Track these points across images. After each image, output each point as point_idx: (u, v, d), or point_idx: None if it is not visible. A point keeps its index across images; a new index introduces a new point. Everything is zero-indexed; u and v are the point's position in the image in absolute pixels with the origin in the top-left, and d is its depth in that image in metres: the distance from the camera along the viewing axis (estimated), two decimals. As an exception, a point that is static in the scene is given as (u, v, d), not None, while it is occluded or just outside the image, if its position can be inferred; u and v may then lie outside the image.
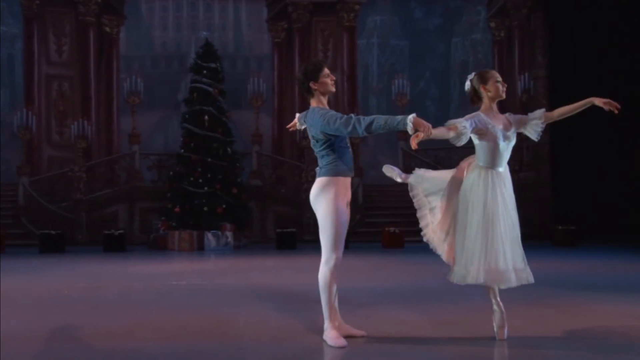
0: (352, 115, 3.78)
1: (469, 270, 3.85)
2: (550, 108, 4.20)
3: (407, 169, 4.65)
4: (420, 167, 4.51)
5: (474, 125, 3.88)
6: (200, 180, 12.43)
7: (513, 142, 3.97)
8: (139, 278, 7.50)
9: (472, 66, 15.71)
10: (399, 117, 3.65)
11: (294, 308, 5.19)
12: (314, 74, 3.96)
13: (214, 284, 7.02)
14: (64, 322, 4.70)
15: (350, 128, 3.69)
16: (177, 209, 12.33)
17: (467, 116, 3.94)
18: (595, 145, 13.24)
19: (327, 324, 3.90)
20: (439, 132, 3.81)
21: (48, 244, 11.75)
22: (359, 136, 3.85)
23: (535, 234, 13.91)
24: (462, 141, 3.88)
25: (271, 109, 15.26)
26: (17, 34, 14.92)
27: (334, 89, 4.03)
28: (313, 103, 4.02)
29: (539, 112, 4.02)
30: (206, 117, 12.78)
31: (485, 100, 4.02)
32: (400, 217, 13.77)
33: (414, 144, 3.61)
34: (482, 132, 3.90)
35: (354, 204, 14.28)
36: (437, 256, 4.30)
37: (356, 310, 4.95)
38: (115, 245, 11.70)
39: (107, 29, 15.12)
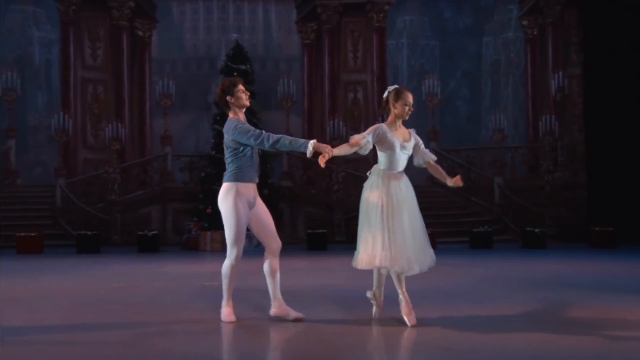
0: (263, 131, 4.44)
1: (372, 256, 4.41)
2: (585, 107, 4.16)
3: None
4: (452, 168, 4.60)
5: (375, 136, 4.50)
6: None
7: (409, 152, 4.62)
8: (172, 278, 7.59)
9: (504, 65, 15.50)
10: (302, 140, 4.31)
11: (324, 309, 5.18)
12: (229, 90, 4.58)
13: (246, 284, 7.06)
14: (99, 321, 4.79)
15: (259, 141, 4.38)
16: (209, 210, 12.43)
17: (370, 128, 4.55)
18: (633, 144, 12.94)
19: (223, 303, 4.69)
20: (342, 150, 4.48)
21: (84, 245, 11.99)
22: (265, 149, 4.47)
23: (571, 235, 13.68)
24: (366, 151, 4.50)
25: (301, 110, 15.30)
26: (54, 39, 15.27)
27: (248, 103, 4.65)
28: (230, 115, 4.63)
29: (431, 158, 4.71)
30: (236, 118, 12.83)
31: (391, 115, 4.58)
32: (432, 218, 13.66)
33: (322, 163, 4.28)
34: (382, 140, 4.50)
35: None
36: (471, 258, 4.26)
37: (386, 311, 4.93)
38: (149, 245, 11.88)
39: (140, 33, 15.36)
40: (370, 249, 4.43)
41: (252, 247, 12.31)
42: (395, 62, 15.88)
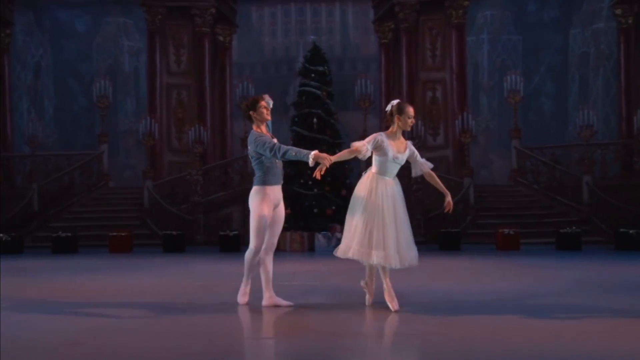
0: (277, 143, 5.09)
1: (351, 247, 4.91)
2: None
3: (522, 169, 4.57)
4: (536, 166, 4.50)
5: (374, 144, 4.95)
6: (310, 183, 12.61)
7: (401, 163, 5.05)
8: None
9: (593, 58, 14.75)
10: (305, 151, 4.95)
11: (400, 309, 5.11)
12: (253, 105, 5.27)
13: (325, 284, 7.09)
14: (183, 319, 4.95)
15: (272, 152, 5.02)
16: (288, 211, 12.54)
17: (371, 136, 5.00)
18: None
19: (242, 286, 5.40)
20: (343, 156, 5.11)
21: (170, 244, 12.46)
22: (277, 159, 5.11)
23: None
24: (365, 157, 4.98)
25: (378, 110, 15.21)
26: (142, 48, 16.00)
27: (269, 118, 5.30)
28: (254, 127, 5.28)
29: (427, 167, 5.16)
30: (315, 119, 12.95)
31: (394, 126, 5.00)
32: (515, 218, 13.21)
33: (318, 175, 4.84)
34: (379, 148, 4.95)
35: (464, 204, 14.01)
36: (556, 259, 4.07)
37: (467, 314, 4.79)
38: (230, 245, 12.17)
39: (221, 38, 15.79)
40: (348, 241, 4.95)
41: (332, 247, 12.37)
42: (475, 58, 15.50)
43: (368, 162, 5.25)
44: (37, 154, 15.14)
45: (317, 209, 12.49)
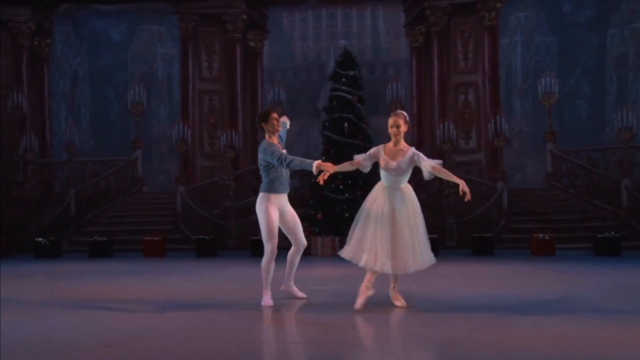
0: (284, 154, 5.47)
1: (347, 249, 5.33)
2: None
3: (557, 172, 4.47)
4: (572, 170, 4.40)
5: (371, 157, 5.39)
6: (341, 187, 12.58)
7: (396, 172, 5.30)
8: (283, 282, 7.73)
9: (632, 58, 14.39)
10: (309, 161, 5.30)
11: (433, 314, 5.05)
12: (264, 117, 5.66)
13: (356, 289, 7.06)
14: (216, 323, 4.98)
15: (279, 161, 5.42)
16: (319, 215, 12.57)
17: (370, 151, 5.43)
18: None
19: (264, 292, 5.66)
20: (344, 167, 5.58)
21: (203, 249, 12.58)
22: (284, 168, 5.52)
23: None
24: (366, 169, 5.45)
25: (410, 113, 15.07)
26: (174, 54, 16.25)
27: (279, 129, 5.71)
28: (266, 137, 5.67)
29: (434, 163, 5.35)
30: (346, 124, 12.92)
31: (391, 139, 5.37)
32: (550, 223, 12.95)
33: (321, 180, 5.28)
34: (375, 160, 5.36)
35: (498, 208, 13.80)
36: (594, 265, 3.97)
37: (502, 320, 4.71)
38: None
39: (252, 44, 15.92)
40: (351, 245, 5.32)
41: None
42: (508, 61, 15.28)
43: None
44: (74, 159, 15.48)
45: (349, 214, 12.44)
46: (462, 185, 5.25)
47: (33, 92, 16.02)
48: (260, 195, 5.68)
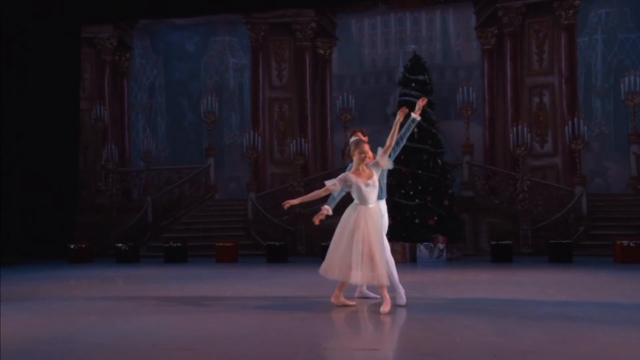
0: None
1: (330, 267, 5.84)
2: None
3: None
4: None
5: (340, 184, 5.89)
6: (411, 193, 12.44)
7: (375, 185, 5.94)
8: (354, 289, 7.70)
9: None
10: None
11: (509, 324, 4.89)
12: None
13: (428, 296, 6.96)
14: (287, 328, 5.02)
15: None
16: (389, 221, 12.45)
17: (339, 177, 5.90)
18: None
19: (397, 292, 6.13)
20: (314, 195, 6.02)
21: (273, 254, 12.75)
22: None
23: None
24: (337, 193, 6.10)
25: (482, 117, 14.77)
26: (245, 64, 16.61)
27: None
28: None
29: (380, 150, 5.95)
30: (415, 129, 12.74)
31: (355, 163, 5.97)
32: (635, 229, 12.29)
33: (316, 221, 6.22)
34: (348, 186, 5.89)
35: (576, 214, 13.25)
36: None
37: (583, 331, 4.49)
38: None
39: (321, 51, 16.05)
40: (328, 261, 5.87)
41: (433, 259, 12.13)
42: (587, 60, 14.63)
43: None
44: (151, 168, 16.11)
45: (419, 219, 12.30)
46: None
47: (114, 104, 16.82)
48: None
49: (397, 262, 12.02)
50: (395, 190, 12.74)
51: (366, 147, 5.96)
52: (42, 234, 14.91)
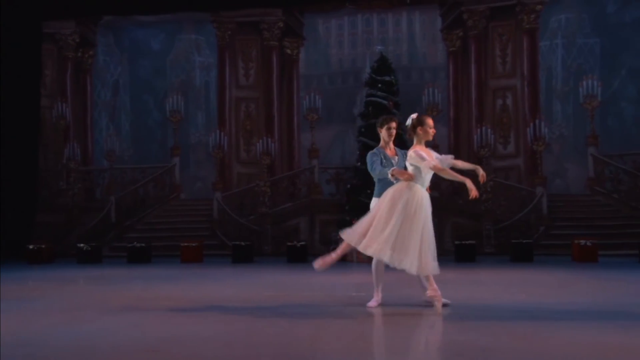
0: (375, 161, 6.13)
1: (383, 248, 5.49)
2: None
3: (599, 177, 4.33)
4: (616, 174, 4.24)
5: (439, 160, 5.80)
6: (376, 193, 12.48)
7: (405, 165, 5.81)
8: (320, 288, 7.74)
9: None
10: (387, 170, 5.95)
11: (472, 323, 4.96)
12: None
13: (392, 295, 7.00)
14: (254, 329, 5.00)
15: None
16: (354, 221, 12.50)
17: (421, 155, 5.77)
18: None
19: (428, 289, 5.73)
20: (456, 175, 5.79)
21: (239, 255, 12.68)
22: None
23: None
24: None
25: (447, 119, 14.97)
26: (212, 63, 16.47)
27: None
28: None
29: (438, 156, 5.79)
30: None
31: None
32: (592, 229, 12.63)
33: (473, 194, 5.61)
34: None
35: (537, 214, 13.54)
36: (638, 272, 3.83)
37: (542, 328, 4.59)
38: (298, 256, 12.25)
39: (288, 51, 16.03)
40: (377, 239, 5.61)
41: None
42: (548, 64, 14.96)
43: (467, 174, 5.85)
44: (114, 167, 15.84)
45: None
46: (469, 184, 5.62)
47: (76, 102, 16.48)
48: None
49: (363, 262, 12.15)
50: (362, 190, 12.80)
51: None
52: (0, 234, 14.53)
